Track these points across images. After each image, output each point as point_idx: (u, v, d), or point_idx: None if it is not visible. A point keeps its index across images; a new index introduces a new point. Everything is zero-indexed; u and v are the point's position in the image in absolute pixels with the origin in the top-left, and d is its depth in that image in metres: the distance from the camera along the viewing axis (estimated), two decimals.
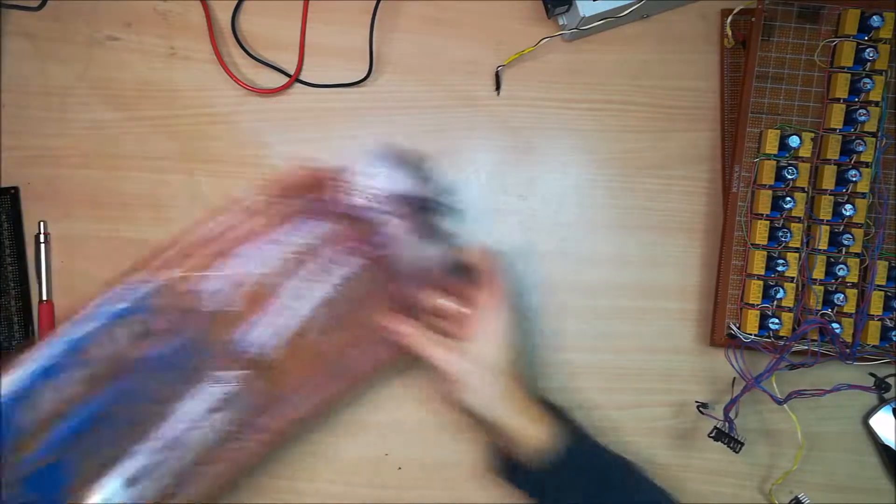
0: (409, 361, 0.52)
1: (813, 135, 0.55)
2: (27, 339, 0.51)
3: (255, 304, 0.46)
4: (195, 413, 0.45)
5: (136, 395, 0.45)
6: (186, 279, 0.45)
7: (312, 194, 0.46)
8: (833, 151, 0.55)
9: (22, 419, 0.43)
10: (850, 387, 0.54)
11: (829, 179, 0.54)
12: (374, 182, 0.47)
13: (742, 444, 0.55)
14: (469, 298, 0.50)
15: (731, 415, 0.55)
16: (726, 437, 0.55)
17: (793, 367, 0.53)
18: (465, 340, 0.49)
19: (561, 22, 0.59)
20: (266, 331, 0.46)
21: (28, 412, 0.43)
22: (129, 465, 0.44)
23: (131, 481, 0.44)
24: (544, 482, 0.49)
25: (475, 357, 0.49)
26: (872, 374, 0.55)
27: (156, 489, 0.45)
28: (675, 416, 0.58)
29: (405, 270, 0.48)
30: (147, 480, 0.44)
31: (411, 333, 0.49)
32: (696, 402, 0.57)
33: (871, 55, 0.54)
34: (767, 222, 0.55)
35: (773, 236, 0.55)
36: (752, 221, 0.55)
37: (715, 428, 0.55)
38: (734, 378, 0.56)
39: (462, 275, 0.50)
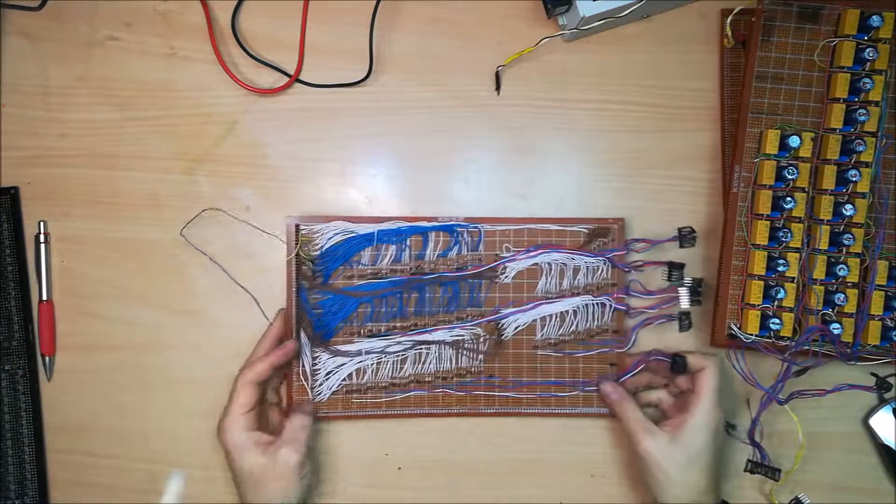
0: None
1: (813, 135, 0.55)
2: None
3: (522, 290, 0.58)
4: (440, 338, 0.57)
5: (422, 297, 0.58)
6: (504, 246, 0.58)
7: (604, 242, 0.58)
8: (833, 151, 0.54)
9: (348, 259, 0.57)
10: (851, 387, 0.54)
11: (829, 179, 0.54)
12: (645, 249, 0.59)
13: (779, 470, 0.54)
14: (685, 397, 0.55)
15: (756, 437, 0.54)
16: (762, 467, 0.54)
17: (800, 372, 0.53)
18: (674, 432, 0.53)
19: (561, 22, 0.59)
20: (520, 316, 0.58)
21: (354, 259, 0.57)
22: (380, 342, 0.57)
23: (372, 353, 0.57)
24: None
25: (680, 450, 0.52)
26: (874, 374, 0.55)
27: (378, 374, 0.57)
28: None
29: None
30: (380, 361, 0.57)
31: (617, 398, 0.55)
32: (725, 422, 0.55)
33: (870, 55, 0.54)
34: (768, 222, 0.55)
35: (773, 236, 0.55)
36: (752, 221, 0.55)
37: (749, 461, 0.54)
38: (748, 399, 0.57)
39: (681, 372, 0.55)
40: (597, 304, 0.58)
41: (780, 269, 0.54)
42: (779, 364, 0.53)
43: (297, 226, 0.57)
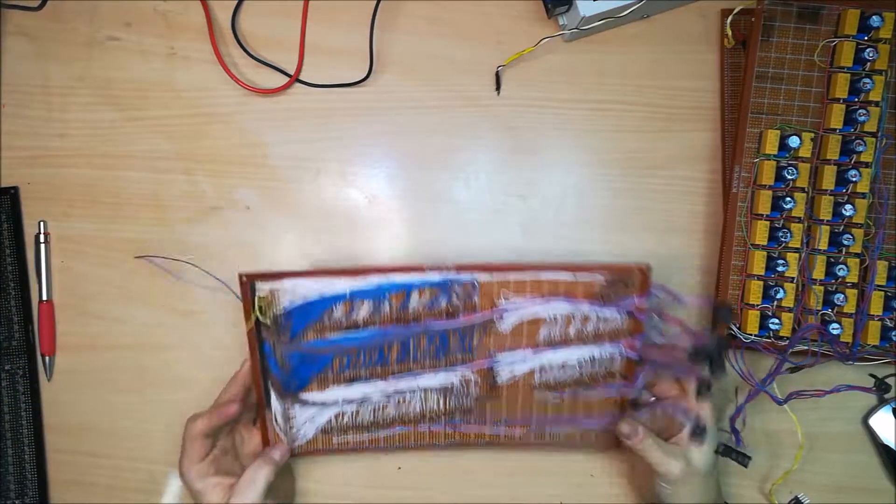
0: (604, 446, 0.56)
1: (813, 135, 0.55)
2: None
3: (521, 337, 0.52)
4: (426, 384, 0.53)
5: (406, 346, 0.52)
6: (503, 292, 0.51)
7: (624, 287, 0.51)
8: (833, 151, 0.54)
9: (319, 315, 0.51)
10: (850, 387, 0.54)
11: (829, 179, 0.54)
12: (672, 307, 0.53)
13: (749, 457, 0.55)
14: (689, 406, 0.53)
15: (738, 425, 0.55)
16: (733, 452, 0.55)
17: (794, 369, 0.53)
18: (679, 444, 0.52)
19: (561, 22, 0.59)
20: (516, 363, 0.53)
21: (326, 314, 0.51)
22: (359, 389, 0.53)
23: (350, 401, 0.53)
24: None
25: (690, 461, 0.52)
26: (873, 375, 0.55)
27: (358, 418, 0.54)
28: None
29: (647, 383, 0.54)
30: (359, 407, 0.54)
31: (637, 439, 0.52)
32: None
33: (870, 55, 0.54)
34: (767, 222, 0.55)
35: (773, 236, 0.55)
36: (752, 221, 0.55)
37: (721, 444, 0.55)
38: (736, 387, 0.57)
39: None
40: (605, 354, 0.52)
41: (780, 269, 0.54)
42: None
43: (251, 285, 0.50)
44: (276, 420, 0.53)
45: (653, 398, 0.54)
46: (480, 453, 0.58)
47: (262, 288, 0.50)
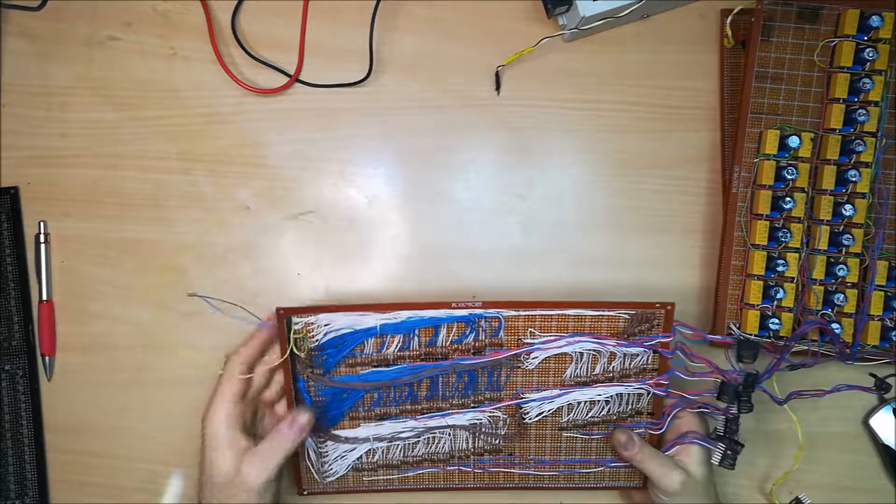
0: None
1: (813, 135, 0.55)
2: None
3: (548, 375, 0.53)
4: (455, 422, 0.54)
5: (435, 383, 0.53)
6: (529, 330, 0.52)
7: (648, 324, 0.52)
8: (833, 151, 0.55)
9: (350, 350, 0.52)
10: (850, 387, 0.54)
11: (828, 179, 0.54)
12: (696, 345, 0.54)
13: (742, 445, 0.55)
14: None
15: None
16: (725, 439, 0.55)
17: (793, 367, 0.53)
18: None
19: (561, 22, 0.59)
20: (544, 402, 0.53)
21: (357, 349, 0.52)
22: (389, 427, 0.54)
23: (381, 439, 0.54)
24: None
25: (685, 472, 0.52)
26: (873, 375, 0.55)
27: (388, 455, 0.55)
28: None
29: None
30: (389, 445, 0.54)
31: (634, 449, 0.52)
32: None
33: (870, 55, 0.54)
34: (767, 222, 0.55)
35: (773, 236, 0.55)
36: (752, 221, 0.55)
37: (714, 430, 0.55)
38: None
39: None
40: (633, 392, 0.53)
41: (780, 269, 0.54)
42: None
43: (287, 319, 0.51)
44: (308, 455, 0.54)
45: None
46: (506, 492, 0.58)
47: (298, 322, 0.51)
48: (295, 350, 0.51)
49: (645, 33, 0.60)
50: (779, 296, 0.54)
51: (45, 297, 0.58)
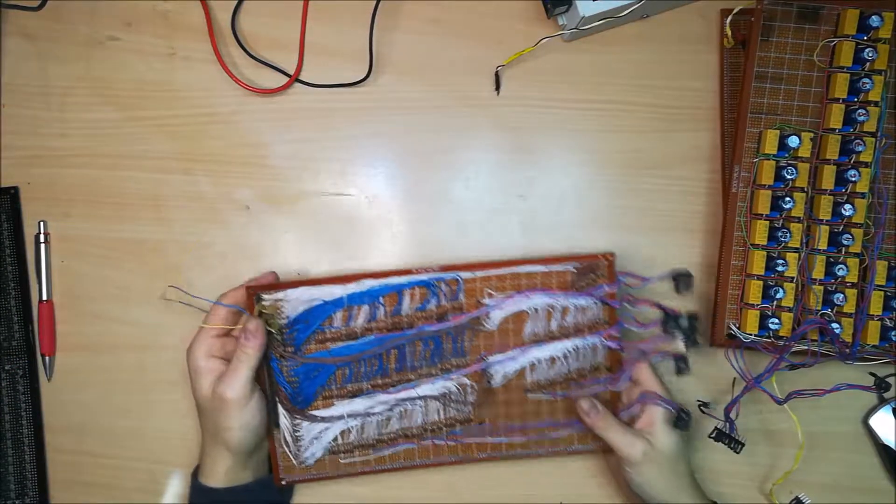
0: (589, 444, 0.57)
1: (812, 135, 0.55)
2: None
3: (508, 336, 0.55)
4: (425, 392, 0.55)
5: (403, 353, 0.54)
6: (486, 290, 0.54)
7: (593, 276, 0.54)
8: (832, 151, 0.55)
9: (319, 325, 0.54)
10: (850, 386, 0.54)
11: (828, 179, 0.54)
12: (636, 287, 0.55)
13: (742, 444, 0.55)
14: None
15: (732, 415, 0.55)
16: (727, 437, 0.55)
17: (793, 367, 0.53)
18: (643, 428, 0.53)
19: (561, 22, 0.59)
20: (507, 363, 0.55)
21: (326, 323, 0.54)
22: (362, 403, 0.55)
23: (355, 415, 0.55)
24: None
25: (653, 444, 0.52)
26: (872, 374, 0.55)
27: (363, 434, 0.55)
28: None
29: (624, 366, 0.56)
30: (363, 422, 0.55)
31: (596, 417, 0.53)
32: (698, 401, 0.57)
33: (870, 55, 0.54)
34: (767, 222, 0.55)
35: (772, 236, 0.55)
36: (751, 221, 0.55)
37: (715, 428, 0.55)
38: (734, 378, 0.56)
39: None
40: (588, 345, 0.55)
41: (780, 269, 0.54)
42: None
43: (256, 296, 0.53)
44: (284, 439, 0.55)
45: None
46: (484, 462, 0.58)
47: (267, 299, 0.53)
48: (266, 327, 0.52)
49: (645, 33, 0.60)
50: (778, 296, 0.54)
51: (45, 297, 0.58)
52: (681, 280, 0.53)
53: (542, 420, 0.56)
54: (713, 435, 0.55)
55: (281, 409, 0.54)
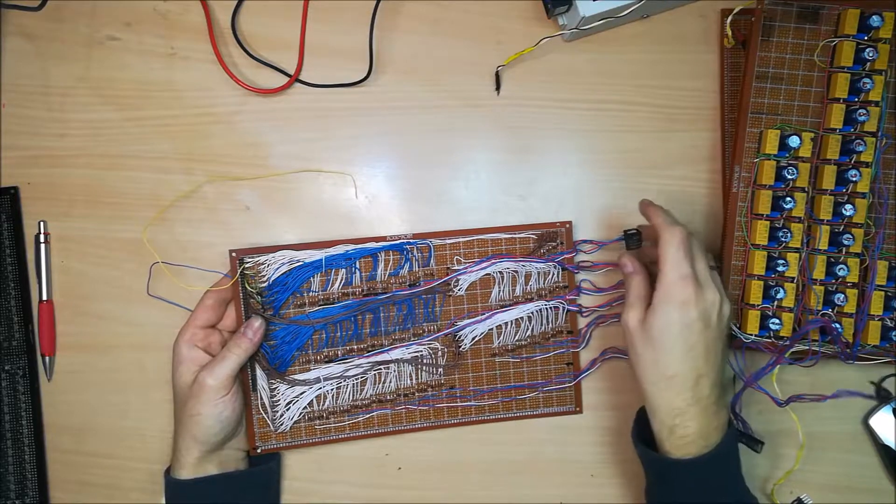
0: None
1: (813, 135, 0.55)
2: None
3: (476, 300, 0.58)
4: (398, 356, 0.57)
5: (377, 317, 0.57)
6: (455, 257, 0.58)
7: (553, 243, 0.58)
8: (833, 151, 0.55)
9: (298, 288, 0.56)
10: (851, 394, 0.54)
11: (829, 179, 0.54)
12: (593, 251, 0.60)
13: (762, 442, 0.55)
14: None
15: (736, 411, 0.55)
16: (745, 436, 0.55)
17: (793, 361, 0.53)
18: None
19: (561, 22, 0.59)
20: (476, 326, 0.58)
21: (304, 287, 0.57)
22: (337, 367, 0.57)
23: (330, 379, 0.57)
24: (675, 470, 0.50)
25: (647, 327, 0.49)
26: (873, 383, 0.55)
27: (339, 399, 0.57)
28: None
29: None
30: (339, 386, 0.57)
31: (631, 288, 0.52)
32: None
33: (870, 55, 0.54)
34: (767, 222, 0.55)
35: (773, 236, 0.55)
36: (752, 221, 0.55)
37: (734, 429, 0.55)
38: (734, 375, 0.57)
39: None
40: (550, 307, 0.58)
41: (780, 269, 0.54)
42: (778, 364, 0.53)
43: (239, 259, 0.55)
44: (262, 403, 0.56)
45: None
46: (477, 448, 0.58)
47: (249, 262, 0.56)
48: (247, 287, 0.55)
49: (645, 33, 0.60)
50: (779, 296, 0.54)
51: (45, 297, 0.58)
52: (631, 239, 0.56)
53: (510, 383, 0.58)
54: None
55: (259, 371, 0.56)
